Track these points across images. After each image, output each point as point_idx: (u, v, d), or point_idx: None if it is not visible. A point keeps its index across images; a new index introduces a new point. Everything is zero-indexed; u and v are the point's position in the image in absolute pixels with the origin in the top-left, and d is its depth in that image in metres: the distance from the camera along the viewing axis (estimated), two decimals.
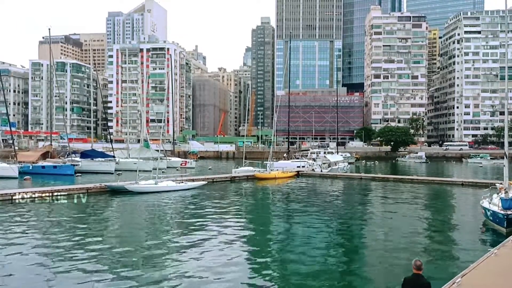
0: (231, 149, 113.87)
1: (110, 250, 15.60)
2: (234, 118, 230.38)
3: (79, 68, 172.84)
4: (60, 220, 21.96)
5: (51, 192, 29.45)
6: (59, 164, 48.49)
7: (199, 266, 13.66)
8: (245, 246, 16.64)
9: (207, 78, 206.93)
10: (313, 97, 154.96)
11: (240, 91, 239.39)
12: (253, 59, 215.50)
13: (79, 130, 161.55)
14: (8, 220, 21.27)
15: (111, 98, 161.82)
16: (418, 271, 7.20)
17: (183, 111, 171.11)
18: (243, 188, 38.58)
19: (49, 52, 58.48)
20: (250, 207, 28.26)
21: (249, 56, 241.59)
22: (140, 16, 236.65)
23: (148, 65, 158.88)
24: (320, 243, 17.51)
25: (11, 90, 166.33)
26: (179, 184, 35.08)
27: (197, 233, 18.59)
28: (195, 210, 25.50)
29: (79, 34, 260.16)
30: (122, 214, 24.79)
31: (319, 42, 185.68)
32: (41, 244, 16.63)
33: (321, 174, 50.16)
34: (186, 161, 65.20)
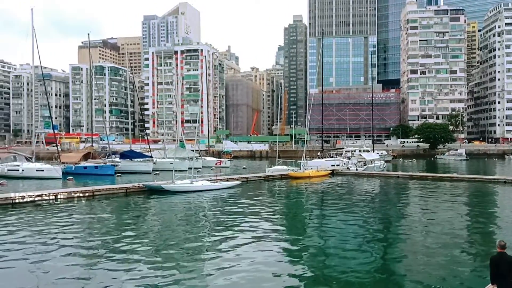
0: (265, 148, 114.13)
1: (147, 248, 16.09)
2: (267, 117, 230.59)
3: (117, 71, 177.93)
4: (100, 218, 22.84)
5: (92, 192, 30.60)
6: (100, 165, 50.16)
7: (235, 265, 13.87)
8: (279, 245, 16.75)
9: (240, 78, 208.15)
10: (347, 95, 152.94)
11: (273, 90, 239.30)
12: (286, 57, 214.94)
13: (118, 132, 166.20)
14: (51, 219, 22.31)
15: (148, 99, 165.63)
16: (502, 249, 8.10)
17: (217, 111, 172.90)
18: (277, 187, 38.69)
19: (89, 56, 60.62)
20: (284, 206, 28.36)
21: (282, 55, 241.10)
22: (174, 19, 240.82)
23: (183, 66, 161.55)
24: (355, 242, 17.39)
25: (53, 94, 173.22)
26: (214, 183, 35.59)
27: (232, 232, 18.88)
28: (230, 209, 25.83)
29: (116, 38, 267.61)
30: (159, 213, 25.44)
31: (353, 38, 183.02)
32: (81, 241, 17.37)
33: (356, 172, 49.54)
34: (221, 161, 65.97)
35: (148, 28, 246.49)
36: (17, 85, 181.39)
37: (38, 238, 17.57)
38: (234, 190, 34.33)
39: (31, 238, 17.56)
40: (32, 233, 18.52)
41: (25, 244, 16.53)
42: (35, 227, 20.04)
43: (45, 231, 19.09)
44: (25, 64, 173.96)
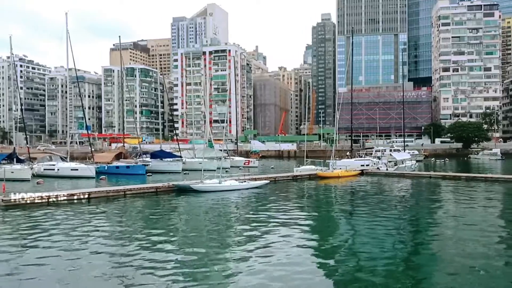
0: (293, 148, 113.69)
1: (176, 247, 16.37)
2: (295, 117, 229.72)
3: (147, 73, 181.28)
4: (131, 217, 23.38)
5: (123, 191, 31.30)
6: (131, 164, 51.27)
7: (262, 264, 13.92)
8: (308, 244, 16.70)
9: (267, 77, 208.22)
10: (377, 93, 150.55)
11: (301, 89, 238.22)
12: (314, 56, 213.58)
13: (148, 132, 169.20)
14: (84, 217, 23.00)
15: (177, 100, 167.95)
16: None
17: (245, 111, 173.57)
18: (306, 187, 38.52)
19: (120, 58, 62.00)
20: (313, 205, 28.22)
21: (310, 54, 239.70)
22: (202, 20, 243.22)
23: (211, 67, 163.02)
24: (385, 244, 17.12)
25: (86, 95, 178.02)
26: (242, 183, 35.74)
27: (260, 231, 18.93)
28: (258, 208, 25.92)
29: (147, 40, 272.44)
30: (188, 212, 25.78)
31: (383, 36, 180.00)
32: (112, 239, 17.83)
33: (386, 172, 48.71)
34: (249, 161, 66.18)
35: (177, 30, 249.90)
36: (52, 87, 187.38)
37: (71, 236, 18.13)
38: (262, 190, 34.38)
39: (65, 236, 18.15)
40: (66, 231, 19.13)
41: (60, 241, 17.11)
42: (69, 225, 20.69)
43: (78, 229, 19.69)
44: (60, 67, 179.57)
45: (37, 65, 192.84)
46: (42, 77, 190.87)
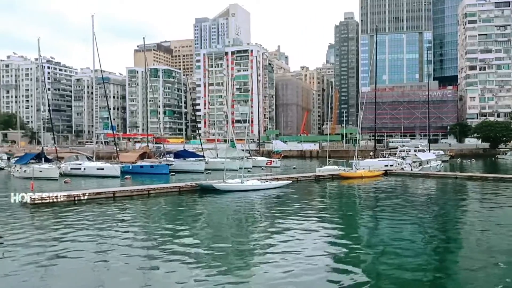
0: (315, 148, 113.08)
1: (199, 245, 16.51)
2: (318, 117, 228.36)
3: (170, 74, 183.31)
4: (155, 216, 23.73)
5: (147, 191, 31.79)
6: (155, 164, 51.98)
7: (285, 265, 13.90)
8: (330, 246, 16.56)
9: (289, 77, 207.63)
10: (401, 92, 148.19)
11: (323, 89, 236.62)
12: (336, 56, 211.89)
13: (171, 132, 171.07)
14: (110, 215, 23.45)
15: (199, 100, 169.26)
16: None
17: (267, 111, 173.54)
18: (328, 187, 38.28)
19: (144, 60, 62.95)
20: (335, 206, 28.02)
21: (332, 53, 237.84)
22: (225, 21, 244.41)
23: (233, 67, 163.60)
24: (409, 246, 16.82)
25: (111, 96, 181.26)
26: (264, 183, 35.77)
27: (282, 231, 18.90)
28: (280, 208, 25.91)
29: (170, 41, 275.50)
30: (211, 211, 25.97)
31: (407, 34, 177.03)
32: (137, 238, 18.13)
33: (411, 173, 47.94)
34: (271, 161, 66.18)
35: (199, 31, 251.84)
36: (78, 88, 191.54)
37: (97, 234, 18.53)
38: (284, 190, 34.34)
39: (90, 234, 18.55)
40: (92, 229, 19.56)
41: (85, 239, 17.51)
42: (94, 223, 21.14)
43: (103, 227, 20.11)
44: (86, 68, 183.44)
45: (64, 67, 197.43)
46: (68, 79, 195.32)
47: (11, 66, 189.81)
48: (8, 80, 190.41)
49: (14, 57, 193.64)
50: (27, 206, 25.58)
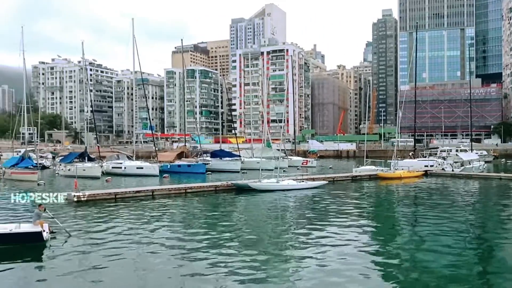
0: (352, 147, 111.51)
1: (235, 244, 16.63)
2: (354, 116, 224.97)
3: (207, 74, 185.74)
4: (192, 214, 24.11)
5: (184, 189, 32.37)
6: (192, 163, 52.87)
7: (320, 264, 13.79)
8: (366, 248, 16.24)
9: (325, 76, 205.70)
10: (442, 91, 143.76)
11: (361, 88, 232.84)
12: (374, 54, 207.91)
13: (207, 132, 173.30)
14: (148, 213, 24.03)
15: (235, 100, 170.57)
16: None
17: (302, 110, 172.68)
18: (365, 188, 37.66)
19: (182, 61, 64.14)
20: (373, 207, 27.53)
21: (370, 51, 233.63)
22: (260, 21, 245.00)
23: (268, 67, 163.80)
24: (450, 251, 16.23)
25: (150, 97, 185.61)
26: (299, 183, 35.63)
27: (318, 232, 18.75)
28: (316, 209, 25.73)
29: (206, 42, 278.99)
30: (247, 210, 26.11)
31: (448, 31, 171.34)
32: (174, 236, 18.46)
33: (452, 173, 46.41)
34: (307, 160, 65.84)
35: (235, 31, 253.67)
36: (119, 90, 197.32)
37: (136, 231, 19.03)
38: (320, 190, 34.08)
39: (130, 230, 19.08)
40: (132, 226, 20.10)
41: (125, 235, 18.04)
42: (135, 220, 21.72)
43: (142, 224, 20.64)
44: (125, 70, 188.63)
45: (105, 69, 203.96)
46: (109, 80, 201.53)
47: (56, 68, 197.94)
48: (53, 82, 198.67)
49: (58, 60, 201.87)
50: (71, 204, 26.63)
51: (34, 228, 16.05)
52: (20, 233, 15.91)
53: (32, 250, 15.42)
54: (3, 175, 43.90)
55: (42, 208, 17.51)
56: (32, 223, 16.68)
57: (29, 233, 15.86)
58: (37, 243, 15.68)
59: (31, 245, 15.73)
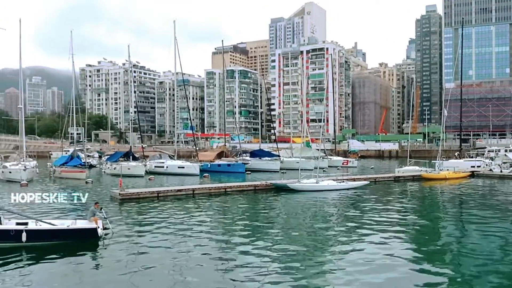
0: (394, 147, 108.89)
1: (273, 243, 16.68)
2: (397, 115, 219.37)
3: (246, 74, 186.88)
4: (231, 213, 24.38)
5: (224, 188, 32.80)
6: (232, 163, 53.44)
7: (360, 265, 13.60)
8: (408, 251, 15.81)
9: (367, 74, 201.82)
10: (490, 88, 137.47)
11: (403, 86, 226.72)
12: (418, 51, 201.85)
13: (246, 132, 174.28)
14: (189, 211, 24.55)
15: (274, 100, 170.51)
16: None
17: (342, 109, 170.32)
18: (408, 189, 36.73)
19: (222, 61, 64.98)
20: (416, 208, 26.78)
21: (413, 49, 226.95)
22: (300, 20, 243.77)
23: (308, 66, 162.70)
24: (498, 257, 15.65)
25: (190, 97, 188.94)
26: (340, 183, 35.21)
27: (358, 233, 18.49)
28: (357, 209, 25.36)
29: (245, 43, 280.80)
30: (285, 210, 26.06)
31: (496, 26, 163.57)
32: (214, 233, 18.82)
33: (501, 175, 44.37)
34: (348, 160, 64.99)
35: (275, 31, 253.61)
36: (161, 91, 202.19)
37: (177, 228, 19.48)
38: (361, 191, 33.55)
39: (172, 228, 19.57)
40: (173, 223, 20.60)
41: (167, 232, 18.55)
42: (176, 218, 22.24)
43: (183, 222, 21.12)
44: (167, 71, 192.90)
45: (148, 71, 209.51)
46: (152, 82, 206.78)
47: (102, 71, 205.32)
48: (99, 84, 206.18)
49: (104, 62, 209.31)
50: (116, 201, 27.64)
51: (90, 224, 16.73)
52: (77, 229, 16.56)
53: (87, 246, 16.03)
54: (54, 173, 46.11)
55: (98, 207, 18.30)
56: (87, 219, 17.43)
57: (86, 229, 16.52)
58: (92, 239, 16.34)
59: (87, 241, 16.35)
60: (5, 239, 15.35)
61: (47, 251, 15.06)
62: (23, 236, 15.26)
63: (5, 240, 15.33)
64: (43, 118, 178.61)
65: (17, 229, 15.56)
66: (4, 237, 15.36)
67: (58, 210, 23.54)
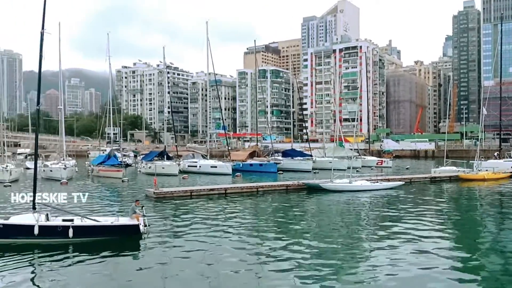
0: (430, 147, 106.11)
1: (305, 243, 16.63)
2: (433, 114, 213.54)
3: (278, 74, 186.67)
4: (262, 213, 24.47)
5: (256, 188, 32.92)
6: (264, 163, 53.57)
7: (395, 270, 13.35)
8: (444, 254, 15.37)
9: (402, 73, 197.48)
10: None
11: (440, 84, 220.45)
12: (455, 48, 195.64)
13: (278, 131, 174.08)
14: (221, 210, 24.83)
15: (306, 99, 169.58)
16: None
17: (376, 108, 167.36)
18: (445, 190, 35.75)
19: (255, 61, 65.21)
20: (453, 210, 26.04)
21: (450, 45, 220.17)
22: (332, 18, 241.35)
23: (341, 65, 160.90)
24: None
25: (222, 97, 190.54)
26: (373, 183, 34.67)
27: (393, 235, 18.11)
28: (391, 210, 24.90)
29: (277, 42, 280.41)
30: (318, 210, 25.93)
31: None
32: (245, 232, 18.99)
33: None
34: (382, 160, 63.90)
35: (307, 30, 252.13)
36: (194, 91, 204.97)
37: (209, 226, 19.75)
38: (395, 191, 32.91)
39: (203, 225, 19.90)
40: (206, 222, 20.87)
41: (199, 230, 18.86)
42: (208, 216, 22.54)
43: (215, 220, 21.40)
44: (200, 72, 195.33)
45: (181, 71, 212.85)
46: (185, 82, 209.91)
47: (137, 72, 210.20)
48: (134, 85, 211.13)
49: (139, 64, 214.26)
50: (150, 199, 28.30)
51: (133, 221, 17.24)
52: (121, 225, 17.07)
53: (129, 242, 16.55)
54: (92, 172, 47.63)
55: (139, 204, 18.85)
56: (128, 217, 17.96)
57: (129, 226, 17.02)
58: (134, 235, 16.81)
59: (129, 237, 16.83)
60: (54, 235, 16.06)
61: (91, 247, 15.61)
62: (70, 232, 15.90)
63: (54, 236, 16.05)
64: (81, 118, 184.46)
65: (65, 225, 16.21)
66: (53, 233, 16.08)
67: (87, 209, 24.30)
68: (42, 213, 16.70)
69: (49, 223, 16.53)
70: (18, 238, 15.93)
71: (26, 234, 15.77)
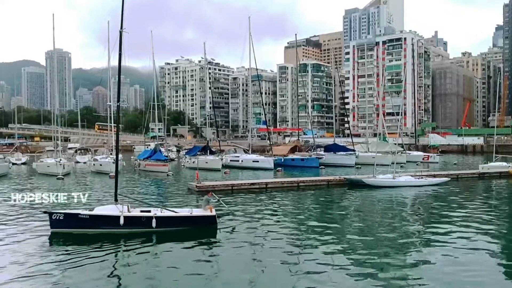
0: (479, 142, 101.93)
1: (347, 240, 16.63)
2: (482, 108, 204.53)
3: (319, 68, 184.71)
4: (303, 208, 24.44)
5: (297, 183, 32.98)
6: (305, 157, 53.46)
7: (442, 270, 13.08)
8: (494, 252, 14.94)
9: (448, 65, 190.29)
10: None
11: (489, 76, 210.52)
12: (506, 38, 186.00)
13: (319, 126, 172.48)
14: (263, 204, 25.11)
15: (348, 93, 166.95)
16: None
17: (422, 102, 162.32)
18: (494, 186, 34.38)
19: (296, 56, 64.97)
20: (502, 208, 24.99)
21: (500, 36, 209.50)
22: (375, 10, 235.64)
23: (384, 57, 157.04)
24: None
25: (263, 92, 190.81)
26: (418, 179, 33.84)
27: (438, 232, 17.64)
28: (437, 207, 24.25)
29: (318, 36, 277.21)
30: (360, 206, 25.60)
31: None
32: (286, 226, 19.15)
33: None
34: (428, 156, 62.18)
35: (349, 22, 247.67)
36: (234, 86, 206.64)
37: (250, 221, 19.95)
38: (441, 188, 31.98)
39: (245, 218, 20.20)
40: (247, 216, 21.09)
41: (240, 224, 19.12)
42: (249, 211, 22.76)
43: (256, 214, 21.59)
44: (241, 67, 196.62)
45: (222, 67, 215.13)
46: (226, 78, 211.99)
47: (179, 68, 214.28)
48: (177, 81, 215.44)
49: (181, 60, 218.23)
50: (193, 193, 29.04)
51: (209, 212, 18.03)
52: (199, 216, 17.94)
53: (205, 232, 17.40)
54: (138, 167, 49.26)
55: (211, 195, 19.78)
56: (202, 208, 18.65)
57: (206, 217, 17.88)
58: (211, 225, 17.66)
59: (205, 228, 17.71)
60: (138, 225, 17.09)
61: (173, 236, 16.65)
62: (153, 222, 16.88)
63: (139, 226, 17.06)
64: (126, 114, 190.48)
65: (148, 216, 17.25)
66: (137, 223, 17.13)
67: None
68: (124, 205, 17.72)
69: (133, 214, 17.54)
70: (104, 228, 16.91)
71: (112, 224, 16.80)
